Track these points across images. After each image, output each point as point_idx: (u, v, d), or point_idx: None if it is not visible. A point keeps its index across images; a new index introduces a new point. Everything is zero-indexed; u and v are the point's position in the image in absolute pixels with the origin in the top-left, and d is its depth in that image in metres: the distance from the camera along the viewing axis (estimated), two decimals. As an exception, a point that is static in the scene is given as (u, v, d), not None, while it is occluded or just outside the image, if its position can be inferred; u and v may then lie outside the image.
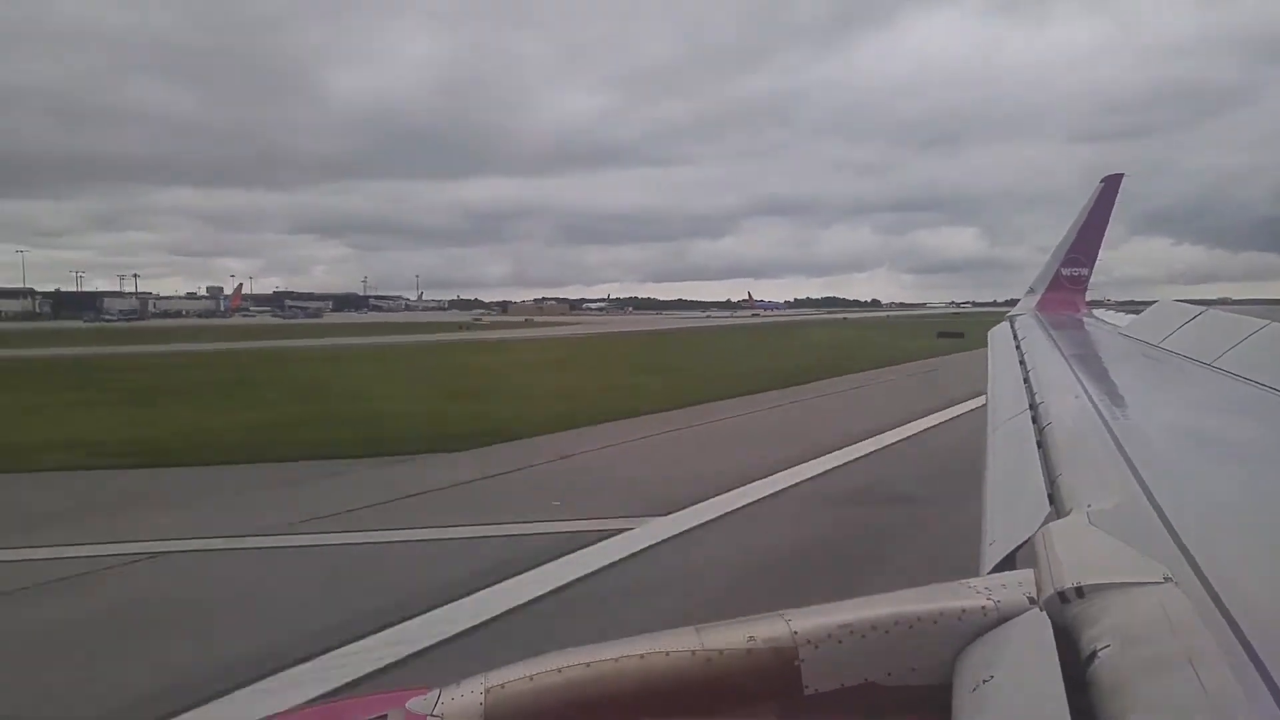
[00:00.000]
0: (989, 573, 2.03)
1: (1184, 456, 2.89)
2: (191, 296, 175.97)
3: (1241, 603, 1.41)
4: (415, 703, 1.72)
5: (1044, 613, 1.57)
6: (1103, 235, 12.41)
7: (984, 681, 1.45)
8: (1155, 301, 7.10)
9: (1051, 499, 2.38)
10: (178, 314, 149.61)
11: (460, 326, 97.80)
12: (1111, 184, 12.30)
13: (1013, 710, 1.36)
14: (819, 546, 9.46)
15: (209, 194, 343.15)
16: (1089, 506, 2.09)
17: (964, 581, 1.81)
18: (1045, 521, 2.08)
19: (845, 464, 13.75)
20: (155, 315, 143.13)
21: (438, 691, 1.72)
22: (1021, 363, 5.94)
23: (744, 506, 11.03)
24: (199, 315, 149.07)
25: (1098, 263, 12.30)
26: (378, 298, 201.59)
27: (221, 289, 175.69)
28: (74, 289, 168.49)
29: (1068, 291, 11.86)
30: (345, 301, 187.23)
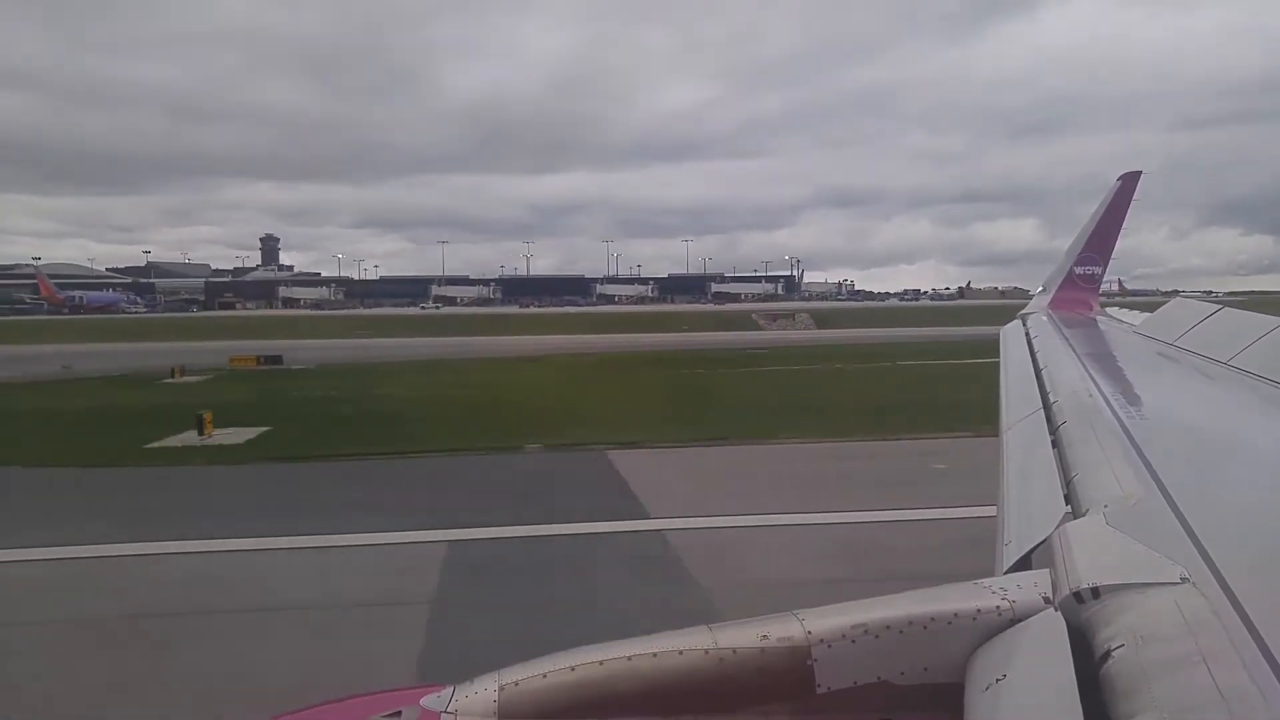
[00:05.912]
0: (1005, 573, 2.02)
1: (1200, 457, 2.85)
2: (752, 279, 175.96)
3: (1258, 603, 1.39)
4: (430, 699, 1.73)
5: (1059, 613, 1.57)
6: (1118, 233, 12.22)
7: (997, 680, 1.45)
8: (1176, 295, 6.98)
9: (1067, 499, 2.37)
10: (738, 297, 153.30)
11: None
12: (1128, 181, 12.09)
13: (1025, 709, 1.36)
14: None
15: (281, 188, 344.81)
16: (1105, 507, 2.08)
17: (979, 582, 1.81)
18: (1062, 522, 2.07)
19: None
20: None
21: (452, 689, 1.73)
22: (1034, 361, 5.90)
23: None
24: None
25: (1115, 258, 12.14)
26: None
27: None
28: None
29: (1081, 290, 11.72)
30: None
